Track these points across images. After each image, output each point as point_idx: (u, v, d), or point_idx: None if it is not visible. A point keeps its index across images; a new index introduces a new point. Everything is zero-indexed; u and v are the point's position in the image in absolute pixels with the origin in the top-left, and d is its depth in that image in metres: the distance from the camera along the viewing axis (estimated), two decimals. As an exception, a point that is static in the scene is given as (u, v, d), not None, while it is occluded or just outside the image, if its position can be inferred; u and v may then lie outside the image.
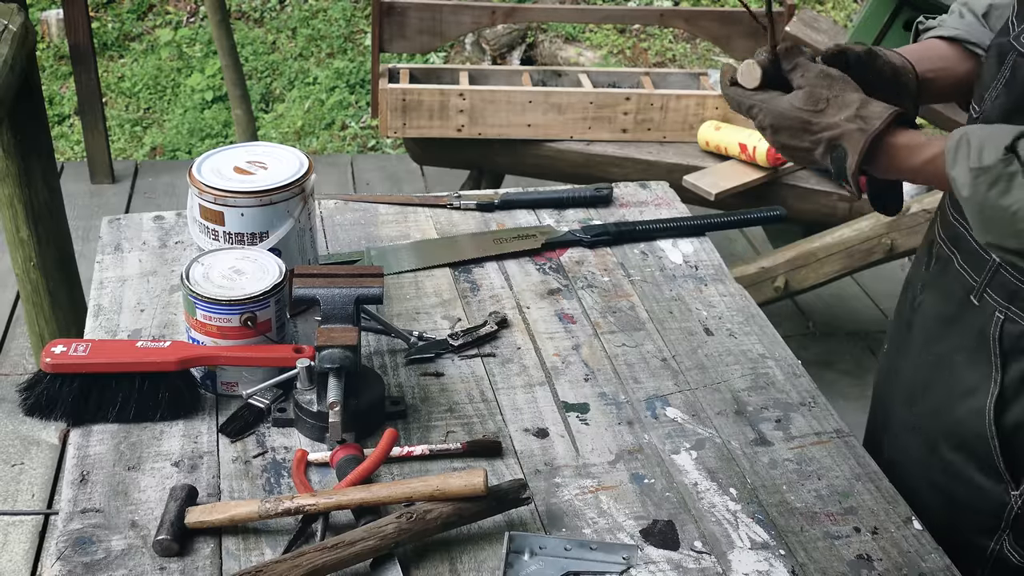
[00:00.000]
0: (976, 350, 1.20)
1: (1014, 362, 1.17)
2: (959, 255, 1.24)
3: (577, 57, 5.39)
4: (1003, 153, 1.01)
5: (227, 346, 1.27)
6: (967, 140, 1.04)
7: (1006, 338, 1.17)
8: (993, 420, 1.19)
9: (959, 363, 1.23)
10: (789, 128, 1.13)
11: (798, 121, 1.12)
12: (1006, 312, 1.16)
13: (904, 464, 1.34)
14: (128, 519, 1.12)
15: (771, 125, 1.14)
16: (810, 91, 1.13)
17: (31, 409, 1.24)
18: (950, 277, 1.25)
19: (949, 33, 1.30)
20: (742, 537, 1.15)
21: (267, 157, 1.43)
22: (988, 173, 1.02)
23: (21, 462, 2.62)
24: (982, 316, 1.19)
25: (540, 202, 1.77)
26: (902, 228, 2.53)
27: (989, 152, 1.02)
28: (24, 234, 2.53)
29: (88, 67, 3.78)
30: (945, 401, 1.26)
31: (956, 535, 1.23)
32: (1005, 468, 1.19)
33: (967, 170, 1.03)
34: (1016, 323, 1.16)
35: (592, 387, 1.37)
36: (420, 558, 1.10)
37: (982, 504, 1.23)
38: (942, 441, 1.27)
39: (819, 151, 1.12)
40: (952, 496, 1.26)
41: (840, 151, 1.11)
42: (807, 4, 5.72)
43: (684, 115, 2.88)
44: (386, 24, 2.95)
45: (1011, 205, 1.00)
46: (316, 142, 4.90)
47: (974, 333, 1.21)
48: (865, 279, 3.45)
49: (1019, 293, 1.15)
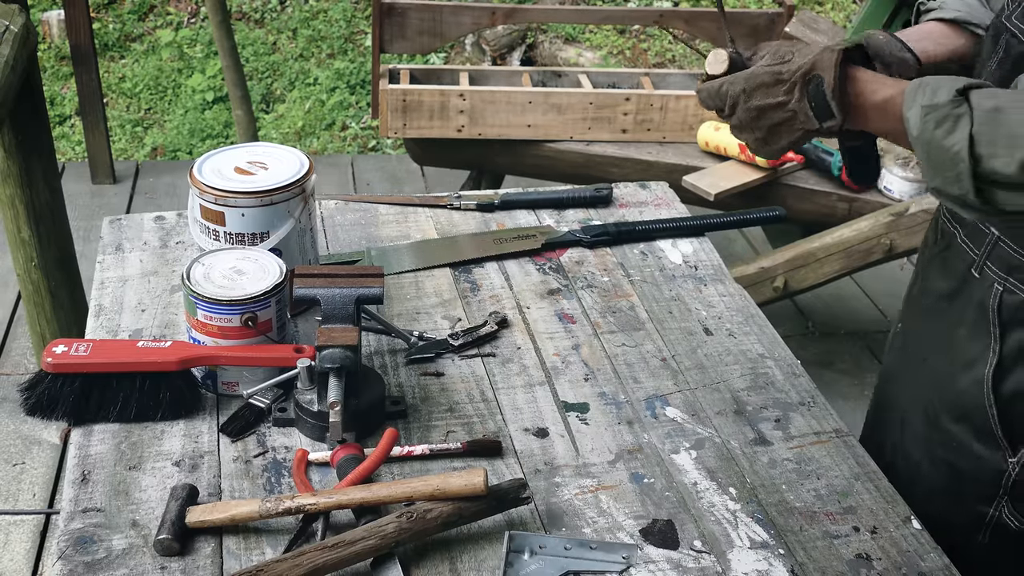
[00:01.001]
0: (977, 323, 1.23)
1: (1012, 332, 1.19)
2: (962, 230, 1.27)
3: (577, 58, 5.40)
4: (954, 95, 1.02)
5: (228, 346, 1.28)
6: (926, 83, 1.06)
7: (1004, 309, 1.19)
8: (991, 389, 1.21)
9: (960, 336, 1.25)
10: (761, 85, 1.14)
11: (768, 75, 1.13)
12: (1004, 283, 1.19)
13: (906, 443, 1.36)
14: (129, 518, 1.12)
15: (743, 90, 1.15)
16: (775, 50, 1.16)
17: (32, 409, 1.25)
18: (953, 252, 1.29)
19: (950, 15, 1.32)
20: (741, 536, 1.15)
21: (268, 157, 1.44)
22: (937, 111, 1.03)
23: (22, 462, 2.62)
24: (982, 288, 1.22)
25: (540, 202, 1.77)
26: (901, 228, 2.53)
27: (942, 92, 1.03)
28: (25, 234, 2.53)
29: (89, 68, 3.79)
30: (947, 374, 1.28)
31: (958, 506, 1.27)
32: (1003, 436, 1.22)
33: (920, 107, 1.04)
34: (1014, 294, 1.18)
35: (592, 387, 1.37)
36: (420, 557, 1.10)
37: (982, 473, 1.25)
38: (943, 414, 1.29)
39: (796, 96, 1.12)
40: (954, 467, 1.29)
41: (815, 80, 1.11)
42: (806, 5, 5.73)
43: (684, 115, 2.88)
44: (386, 25, 2.95)
45: (953, 145, 1.01)
46: (317, 142, 4.91)
47: (974, 306, 1.23)
48: (864, 279, 3.45)
49: (1018, 265, 1.18)
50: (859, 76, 1.12)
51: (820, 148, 2.73)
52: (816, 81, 1.11)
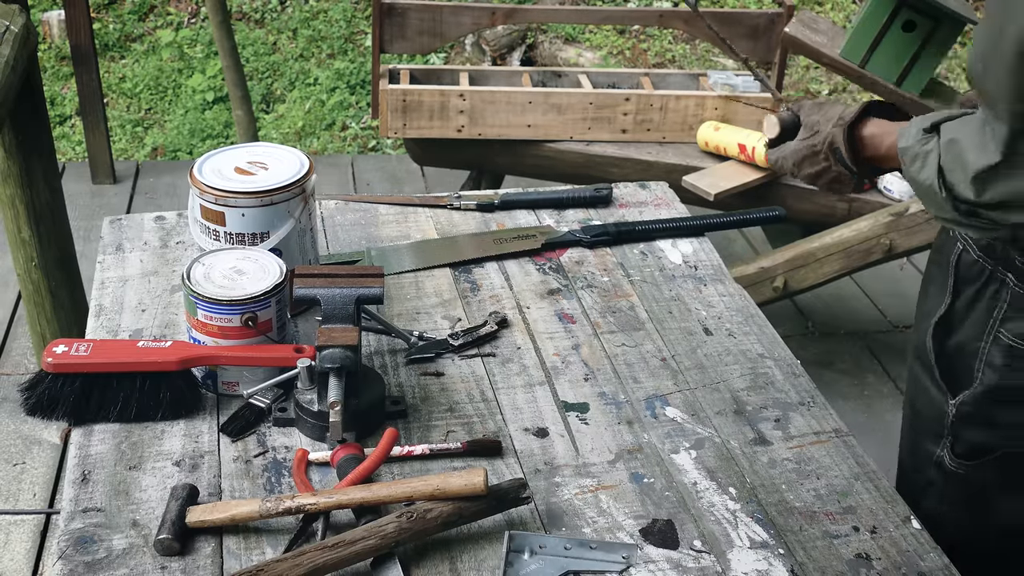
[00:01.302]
0: (944, 279, 1.33)
1: (963, 289, 1.30)
2: None
3: (577, 58, 5.40)
4: (921, 134, 1.16)
5: (228, 346, 1.28)
6: (904, 126, 1.20)
7: (961, 266, 1.30)
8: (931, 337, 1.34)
9: (932, 290, 1.37)
10: (805, 158, 1.38)
11: (806, 148, 1.37)
12: (964, 243, 1.29)
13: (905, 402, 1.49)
14: (129, 518, 1.12)
15: (794, 164, 1.39)
16: (805, 122, 1.39)
17: (33, 409, 1.25)
18: None
19: None
20: (741, 536, 1.15)
21: (268, 157, 1.44)
22: (909, 151, 1.18)
23: (23, 461, 2.63)
24: (952, 247, 1.32)
25: (540, 202, 1.78)
26: (901, 228, 2.53)
27: (911, 133, 1.18)
28: (26, 234, 2.53)
29: (89, 68, 3.78)
30: (919, 321, 1.41)
31: (917, 443, 1.42)
32: (942, 379, 1.34)
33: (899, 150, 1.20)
34: (969, 254, 1.28)
35: (592, 387, 1.37)
36: (420, 557, 1.10)
37: (931, 411, 1.37)
38: (912, 355, 1.43)
39: (832, 162, 1.35)
40: (914, 405, 1.43)
41: (838, 151, 1.33)
42: (806, 5, 5.73)
43: (683, 116, 2.88)
44: (386, 25, 2.95)
45: (926, 180, 1.15)
46: (317, 143, 4.91)
47: (945, 263, 1.33)
48: (864, 279, 3.45)
49: None
50: (866, 135, 1.32)
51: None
52: (837, 153, 1.33)
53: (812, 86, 5.25)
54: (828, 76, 5.24)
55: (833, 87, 5.24)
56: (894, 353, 3.18)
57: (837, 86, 5.23)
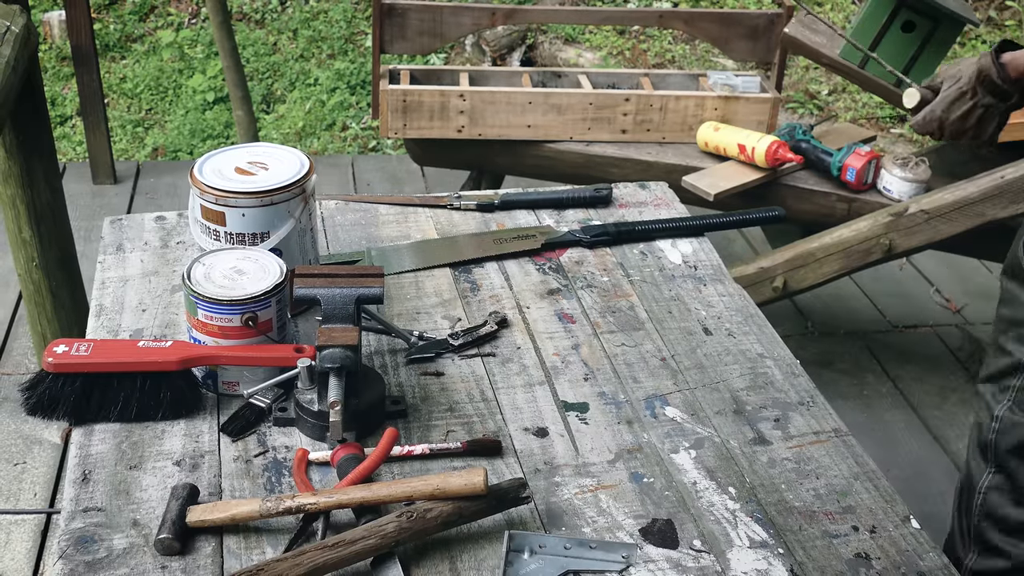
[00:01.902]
0: None
1: None
2: None
3: (577, 58, 5.40)
4: None
5: (228, 346, 1.28)
6: None
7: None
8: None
9: None
10: (953, 102, 1.61)
11: (954, 92, 1.61)
12: None
13: None
14: (130, 518, 1.13)
15: (943, 110, 1.62)
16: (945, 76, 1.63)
17: (33, 408, 1.25)
18: None
19: None
20: (741, 536, 1.16)
21: (268, 158, 1.44)
22: None
23: (23, 461, 2.63)
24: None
25: (540, 202, 1.78)
26: (900, 228, 2.53)
27: None
28: (26, 234, 2.53)
29: (90, 68, 3.79)
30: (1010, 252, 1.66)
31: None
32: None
33: None
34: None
35: (592, 387, 1.37)
36: (420, 557, 1.10)
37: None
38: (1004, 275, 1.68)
39: (980, 96, 1.58)
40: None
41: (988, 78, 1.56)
42: (806, 5, 5.73)
43: (683, 116, 2.89)
44: (386, 25, 2.96)
45: None
46: (317, 143, 4.91)
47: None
48: (864, 279, 3.45)
49: None
50: (1007, 59, 1.55)
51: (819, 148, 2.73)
52: (987, 81, 1.55)
53: (812, 86, 5.25)
54: (828, 76, 5.24)
55: (833, 87, 5.24)
56: (893, 353, 3.18)
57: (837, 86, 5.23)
